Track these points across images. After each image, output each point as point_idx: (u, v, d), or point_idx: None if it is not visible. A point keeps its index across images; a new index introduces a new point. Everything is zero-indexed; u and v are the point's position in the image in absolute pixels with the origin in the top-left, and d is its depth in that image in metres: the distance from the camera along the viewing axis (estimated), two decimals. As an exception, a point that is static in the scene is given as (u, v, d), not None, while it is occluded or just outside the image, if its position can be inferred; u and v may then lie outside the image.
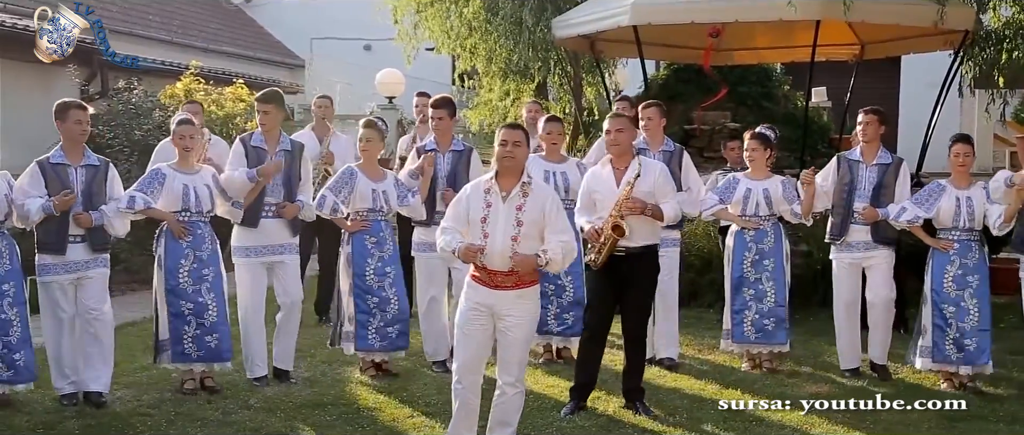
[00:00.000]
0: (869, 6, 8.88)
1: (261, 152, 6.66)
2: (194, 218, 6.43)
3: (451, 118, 7.21)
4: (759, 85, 12.87)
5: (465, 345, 5.12)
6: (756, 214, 7.03)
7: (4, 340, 5.85)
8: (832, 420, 5.98)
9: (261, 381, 6.69)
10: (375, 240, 6.76)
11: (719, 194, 7.15)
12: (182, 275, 6.36)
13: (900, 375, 7.11)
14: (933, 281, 6.67)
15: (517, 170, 5.11)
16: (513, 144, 5.08)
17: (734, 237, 7.17)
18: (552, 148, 7.13)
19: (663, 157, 6.94)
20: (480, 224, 5.05)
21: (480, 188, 5.14)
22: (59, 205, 5.94)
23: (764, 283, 7.05)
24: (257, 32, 22.75)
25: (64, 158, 6.10)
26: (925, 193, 6.73)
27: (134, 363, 7.19)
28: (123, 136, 10.72)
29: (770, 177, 7.10)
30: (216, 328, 6.40)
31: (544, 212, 5.05)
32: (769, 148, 7.07)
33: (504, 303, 5.03)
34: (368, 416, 6.08)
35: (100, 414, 6.02)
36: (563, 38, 11.15)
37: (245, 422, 5.92)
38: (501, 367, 5.18)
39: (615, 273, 5.98)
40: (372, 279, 6.75)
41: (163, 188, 6.38)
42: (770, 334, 7.06)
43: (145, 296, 9.76)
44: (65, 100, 6.37)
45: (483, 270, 5.05)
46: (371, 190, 6.75)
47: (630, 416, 6.05)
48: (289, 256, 6.80)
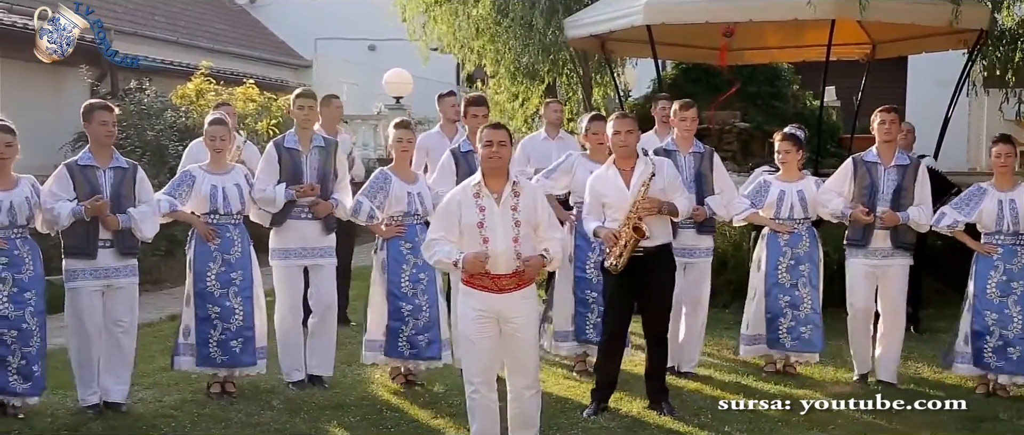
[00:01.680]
0: (885, 5, 8.84)
1: (295, 154, 6.55)
2: (223, 220, 6.36)
3: (487, 117, 7.08)
4: (768, 84, 12.89)
5: (476, 354, 5.05)
6: (791, 217, 6.89)
7: (24, 351, 5.71)
8: (857, 420, 5.98)
9: (298, 386, 6.60)
10: (410, 245, 6.53)
11: (750, 198, 6.99)
12: (210, 279, 6.30)
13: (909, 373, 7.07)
14: (976, 286, 6.50)
15: (503, 170, 5.06)
16: (498, 144, 5.02)
17: (767, 241, 6.98)
18: (598, 148, 6.76)
19: (694, 159, 6.82)
20: (477, 229, 4.97)
21: (469, 193, 5.04)
22: (90, 210, 5.84)
23: (800, 289, 6.88)
24: (261, 32, 22.75)
25: (92, 160, 6.00)
26: (966, 197, 6.54)
27: (153, 364, 7.17)
28: (135, 137, 10.69)
29: (803, 178, 6.95)
30: (241, 333, 6.33)
31: (536, 210, 5.04)
32: (801, 149, 6.93)
33: (510, 306, 4.99)
34: (392, 417, 6.07)
35: (123, 416, 6.00)
36: (574, 38, 11.13)
37: (269, 423, 5.90)
38: (515, 371, 5.13)
39: (632, 274, 5.94)
40: (407, 286, 6.55)
41: (192, 190, 6.32)
42: (807, 342, 6.91)
43: (159, 297, 9.87)
44: (91, 101, 6.32)
45: (485, 276, 4.97)
46: (406, 193, 6.55)
47: (654, 416, 6.04)
48: (325, 259, 6.68)
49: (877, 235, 6.65)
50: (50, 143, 11.43)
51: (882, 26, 10.28)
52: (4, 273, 5.66)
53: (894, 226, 6.60)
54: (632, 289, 6.05)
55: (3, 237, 5.67)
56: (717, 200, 6.80)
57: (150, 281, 9.94)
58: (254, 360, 6.41)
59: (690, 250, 6.86)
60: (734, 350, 7.57)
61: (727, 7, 9.46)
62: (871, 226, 6.64)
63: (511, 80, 12.91)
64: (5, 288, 5.65)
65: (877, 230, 6.64)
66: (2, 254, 5.66)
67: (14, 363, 5.67)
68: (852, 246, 6.78)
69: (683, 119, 6.87)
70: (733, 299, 9.24)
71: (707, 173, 6.82)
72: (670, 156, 6.63)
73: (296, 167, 6.52)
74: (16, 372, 5.68)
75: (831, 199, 6.73)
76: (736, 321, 8.86)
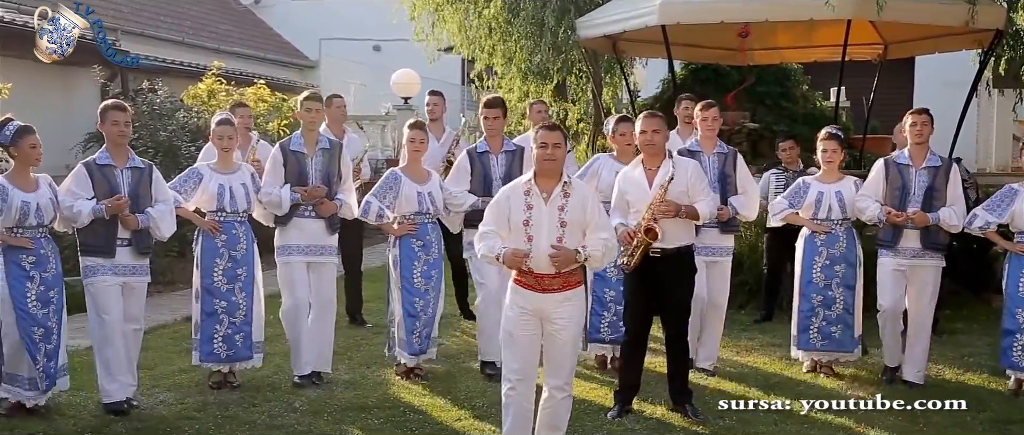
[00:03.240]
0: (901, 5, 8.80)
1: (301, 156, 6.63)
2: (230, 218, 6.46)
3: (504, 118, 7.12)
4: (778, 85, 12.83)
5: (515, 351, 5.04)
6: (829, 218, 6.87)
7: (46, 349, 5.78)
8: (884, 422, 5.94)
9: (305, 380, 6.68)
10: (421, 243, 6.71)
11: (789, 199, 6.99)
12: (217, 274, 6.43)
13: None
14: (1009, 286, 6.50)
15: (557, 171, 5.04)
16: (553, 146, 5.00)
17: (804, 241, 6.99)
18: (625, 149, 6.86)
19: (717, 159, 6.82)
20: (523, 227, 4.98)
21: (520, 190, 5.05)
22: (111, 209, 5.89)
23: (833, 289, 6.88)
24: (266, 33, 22.73)
25: (110, 159, 6.05)
26: (998, 198, 6.52)
27: (172, 365, 7.15)
28: (148, 137, 10.66)
29: (842, 179, 6.93)
30: (242, 327, 6.46)
31: (585, 211, 4.99)
32: (843, 148, 6.92)
33: (552, 306, 4.97)
34: (415, 419, 6.03)
35: (146, 418, 5.97)
36: (586, 38, 11.10)
37: (293, 425, 5.87)
38: (549, 371, 5.12)
39: (651, 275, 5.92)
40: (420, 281, 6.70)
41: (199, 187, 6.43)
42: (837, 341, 6.91)
43: (172, 298, 9.83)
44: (106, 101, 6.36)
45: (529, 274, 4.98)
46: (416, 193, 6.68)
47: (679, 418, 6.01)
48: (327, 258, 6.78)
49: (907, 235, 6.64)
50: (61, 144, 11.39)
51: (895, 26, 10.26)
52: (32, 271, 5.76)
53: (925, 227, 6.58)
54: (651, 290, 6.02)
55: (29, 237, 5.75)
56: (740, 200, 6.80)
57: (162, 282, 9.92)
58: (251, 354, 6.55)
59: (712, 249, 6.89)
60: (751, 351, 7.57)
61: (743, 7, 9.40)
62: (902, 226, 6.63)
63: (522, 79, 12.87)
64: (33, 286, 5.75)
65: (907, 230, 6.63)
66: (29, 254, 5.75)
67: (41, 362, 5.75)
68: (883, 246, 6.78)
69: (705, 119, 6.89)
70: (749, 300, 9.25)
71: (731, 173, 6.83)
72: (694, 157, 6.62)
73: (301, 169, 6.62)
74: (40, 370, 5.75)
75: (868, 205, 6.72)
76: (751, 322, 8.90)
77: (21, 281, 5.70)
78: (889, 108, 13.41)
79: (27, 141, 5.74)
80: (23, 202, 5.68)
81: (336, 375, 6.92)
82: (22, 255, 5.72)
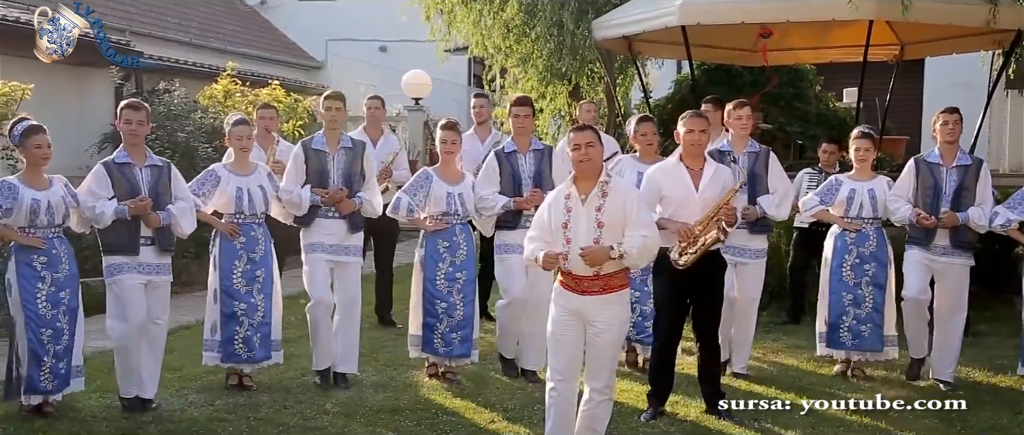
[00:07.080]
0: (923, 5, 8.76)
1: (322, 155, 6.62)
2: (248, 220, 6.47)
3: (533, 117, 7.09)
4: (791, 85, 12.81)
5: (559, 352, 5.04)
6: (859, 216, 6.89)
7: (55, 349, 5.75)
8: (920, 424, 5.93)
9: (324, 376, 6.68)
10: (447, 245, 6.68)
11: (820, 196, 7.01)
12: (236, 276, 6.43)
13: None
14: None
15: (594, 171, 5.01)
16: (586, 145, 4.98)
17: (834, 239, 7.01)
18: (647, 149, 6.89)
19: (749, 158, 6.77)
20: (562, 230, 4.98)
21: (561, 195, 5.07)
22: (134, 209, 5.89)
23: (863, 288, 6.89)
24: (273, 34, 22.69)
25: (128, 158, 6.05)
26: (1020, 196, 6.55)
27: (200, 367, 7.09)
28: (165, 138, 10.62)
29: (874, 178, 6.94)
30: (260, 328, 6.47)
31: (624, 210, 4.95)
32: (876, 148, 6.90)
33: (592, 308, 4.95)
34: (448, 421, 6.00)
35: (178, 419, 5.94)
36: (603, 39, 11.06)
37: (326, 428, 5.84)
38: (590, 373, 5.09)
39: (683, 277, 5.87)
40: (442, 284, 6.67)
41: (217, 190, 6.44)
42: (866, 340, 6.91)
43: (191, 299, 9.77)
44: (123, 101, 6.39)
45: (570, 276, 4.97)
46: (446, 193, 6.67)
47: (713, 421, 5.97)
48: (351, 257, 6.75)
49: (938, 233, 6.66)
50: (76, 145, 11.36)
51: (913, 27, 10.21)
52: (44, 272, 5.74)
53: (954, 226, 6.58)
54: (683, 291, 5.99)
55: (42, 237, 5.73)
56: (768, 199, 6.72)
57: (181, 283, 9.85)
58: (269, 354, 6.58)
59: (741, 250, 6.83)
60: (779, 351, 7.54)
61: (764, 7, 9.36)
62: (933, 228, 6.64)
63: (539, 80, 12.84)
64: (44, 287, 5.73)
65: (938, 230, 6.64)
66: (41, 254, 5.73)
67: (48, 363, 5.72)
68: (913, 243, 6.78)
69: (738, 118, 6.84)
70: (771, 301, 9.21)
71: (762, 173, 6.77)
72: (724, 157, 6.59)
73: (323, 168, 6.61)
74: (48, 371, 5.73)
75: (900, 206, 6.72)
76: (774, 323, 8.88)
77: (32, 282, 5.68)
78: (899, 109, 13.40)
79: (32, 141, 5.73)
80: (33, 200, 5.66)
81: (364, 376, 6.89)
82: (34, 255, 5.70)
